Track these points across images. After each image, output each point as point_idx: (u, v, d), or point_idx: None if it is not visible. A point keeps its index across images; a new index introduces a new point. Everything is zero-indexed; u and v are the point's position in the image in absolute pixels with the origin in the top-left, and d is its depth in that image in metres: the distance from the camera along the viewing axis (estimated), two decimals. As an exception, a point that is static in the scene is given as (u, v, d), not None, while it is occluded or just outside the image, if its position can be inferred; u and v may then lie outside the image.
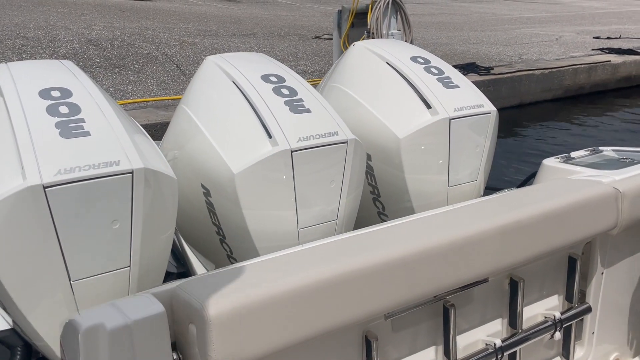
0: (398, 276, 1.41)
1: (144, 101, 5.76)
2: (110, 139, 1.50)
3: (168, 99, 5.79)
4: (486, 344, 1.70)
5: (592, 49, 10.32)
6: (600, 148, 2.36)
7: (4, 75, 1.67)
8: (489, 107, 2.14)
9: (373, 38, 6.25)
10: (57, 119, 1.51)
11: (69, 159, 1.42)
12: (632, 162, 2.12)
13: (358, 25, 6.68)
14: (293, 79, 1.98)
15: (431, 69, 2.20)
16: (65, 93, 1.61)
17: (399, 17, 6.64)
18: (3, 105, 1.54)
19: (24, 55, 6.87)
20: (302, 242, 1.73)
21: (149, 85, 6.36)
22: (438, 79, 2.15)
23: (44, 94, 1.59)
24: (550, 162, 2.19)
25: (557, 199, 1.75)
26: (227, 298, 1.20)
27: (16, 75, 1.67)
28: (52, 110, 1.54)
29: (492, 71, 7.91)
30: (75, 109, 1.56)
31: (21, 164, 1.39)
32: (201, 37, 9.11)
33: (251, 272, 1.32)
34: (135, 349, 1.17)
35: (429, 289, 1.48)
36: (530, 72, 8.14)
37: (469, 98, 2.12)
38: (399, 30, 6.61)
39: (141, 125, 2.41)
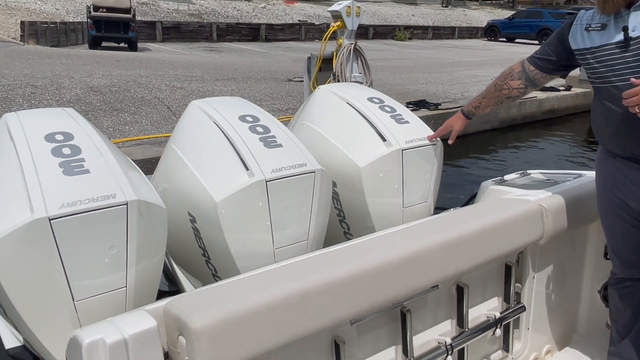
0: (361, 287, 1.40)
1: (139, 139, 5.71)
2: (107, 175, 1.49)
3: (161, 137, 5.74)
4: (438, 343, 1.70)
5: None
6: (529, 171, 2.40)
7: (14, 122, 1.65)
8: (435, 139, 2.19)
9: (338, 80, 6.30)
10: (60, 159, 1.50)
11: (71, 193, 1.41)
12: (555, 183, 2.16)
13: (325, 69, 6.73)
14: (266, 118, 1.99)
15: (385, 108, 2.23)
16: (68, 136, 1.60)
17: (359, 62, 6.72)
18: (13, 149, 1.53)
19: (33, 102, 6.77)
20: (277, 260, 1.72)
21: (144, 125, 6.31)
22: (391, 116, 2.18)
23: (49, 137, 1.58)
24: (487, 184, 2.22)
25: (494, 215, 1.77)
26: (211, 312, 1.18)
27: (25, 122, 1.66)
28: (56, 152, 1.53)
29: (439, 107, 8.00)
30: (76, 150, 1.55)
31: (29, 199, 1.38)
32: (188, 81, 9.10)
33: (233, 289, 1.31)
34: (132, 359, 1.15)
35: (388, 297, 1.48)
36: (471, 107, 8.33)
37: (417, 132, 2.15)
38: (360, 73, 6.68)
39: (137, 160, 2.41)
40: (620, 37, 1.56)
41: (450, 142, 2.13)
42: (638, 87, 1.40)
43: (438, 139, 2.19)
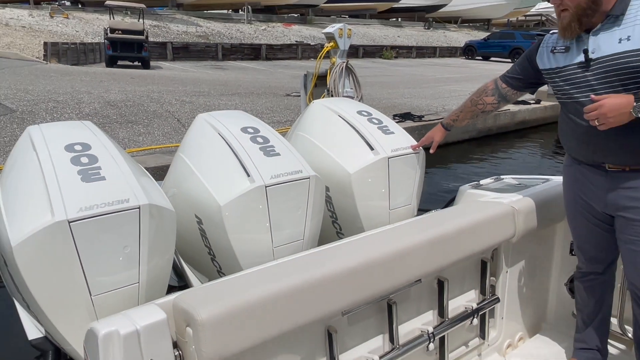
0: (352, 281, 1.40)
1: (152, 148, 5.69)
2: (121, 182, 1.48)
3: (171, 146, 5.72)
4: (421, 331, 1.70)
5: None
6: (502, 176, 2.40)
7: (37, 134, 1.65)
8: (418, 148, 2.19)
9: (331, 95, 6.30)
10: (79, 167, 1.50)
11: (88, 198, 1.41)
12: (525, 187, 2.16)
13: (320, 85, 6.74)
14: (266, 129, 1.99)
15: (373, 120, 2.23)
16: (86, 147, 1.60)
17: (351, 78, 6.73)
18: (36, 158, 1.53)
19: (55, 115, 6.74)
20: (276, 258, 1.71)
21: (156, 136, 6.29)
22: (378, 127, 2.18)
23: (69, 148, 1.58)
24: (465, 188, 2.23)
25: (471, 216, 1.77)
26: (216, 305, 1.18)
27: (46, 134, 1.65)
28: (75, 161, 1.52)
29: (423, 118, 7.98)
30: (93, 159, 1.55)
31: (50, 203, 1.38)
32: (196, 96, 9.09)
33: (236, 284, 1.31)
34: (143, 349, 1.14)
35: (376, 290, 1.48)
36: (451, 119, 8.35)
37: (402, 141, 2.16)
38: (351, 89, 6.68)
39: (150, 167, 2.40)
40: (581, 58, 1.57)
41: (431, 151, 2.14)
42: (597, 102, 1.41)
43: (421, 148, 2.19)
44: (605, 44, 1.50)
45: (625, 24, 1.48)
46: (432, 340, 1.68)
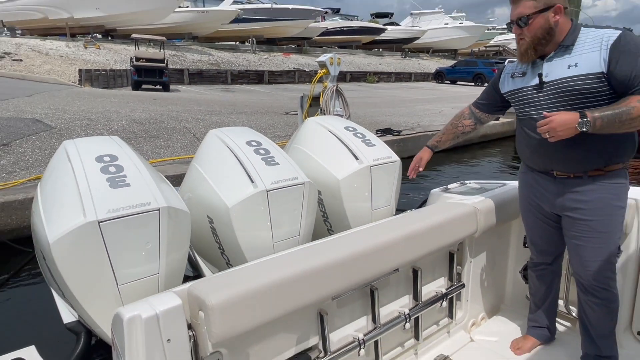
0: (340, 271, 1.40)
1: (171, 159, 5.66)
2: (143, 188, 1.48)
3: (188, 157, 5.69)
4: (399, 313, 1.70)
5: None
6: (466, 181, 2.40)
7: (72, 147, 1.64)
8: (396, 158, 2.19)
9: (324, 114, 6.33)
10: (107, 176, 1.49)
11: (115, 202, 1.41)
12: (486, 190, 2.17)
13: (314, 105, 6.76)
14: (267, 142, 1.99)
15: (358, 134, 2.24)
16: (113, 158, 1.59)
17: (340, 99, 6.76)
18: (70, 168, 1.52)
19: (88, 131, 6.70)
20: (276, 251, 1.71)
21: (175, 149, 6.25)
22: (362, 141, 2.19)
23: (99, 159, 1.57)
24: (435, 192, 2.23)
25: (440, 215, 1.78)
26: (224, 292, 1.18)
27: (79, 147, 1.64)
28: (104, 170, 1.52)
29: (401, 133, 7.98)
30: (120, 168, 1.54)
31: (82, 206, 1.37)
32: (209, 115, 9.06)
33: (241, 274, 1.30)
34: (162, 331, 1.13)
35: (360, 278, 1.48)
36: (425, 133, 8.29)
37: (382, 152, 2.16)
38: (341, 108, 6.71)
39: (169, 175, 2.39)
40: (536, 81, 1.57)
41: (421, 169, 2.02)
42: (548, 118, 1.42)
43: (398, 158, 2.19)
44: (556, 69, 1.52)
45: (574, 53, 1.49)
46: (408, 320, 1.68)
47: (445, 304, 1.89)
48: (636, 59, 1.37)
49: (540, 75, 1.56)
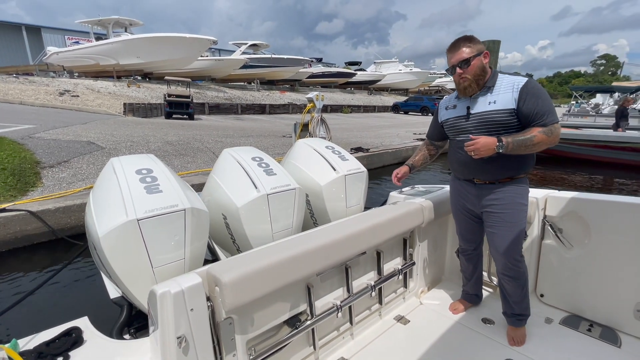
0: (323, 254, 1.40)
1: (196, 172, 5.58)
2: (173, 193, 1.46)
3: (208, 170, 5.62)
4: (367, 284, 1.69)
5: (414, 139, 10.74)
6: (416, 186, 2.42)
7: (117, 163, 1.61)
8: (363, 169, 2.20)
9: (312, 137, 6.36)
10: (144, 184, 1.47)
11: (151, 204, 1.38)
12: (429, 192, 2.19)
13: (304, 130, 6.79)
14: (267, 158, 1.99)
15: (335, 152, 2.25)
16: (149, 171, 1.57)
17: (324, 126, 6.81)
18: (116, 179, 1.49)
19: (131, 150, 6.55)
20: (274, 240, 1.70)
21: (199, 163, 6.17)
22: (339, 157, 2.20)
23: (138, 172, 1.55)
24: (393, 194, 2.24)
25: (396, 211, 1.79)
26: (235, 272, 1.16)
27: (123, 163, 1.62)
28: (142, 180, 1.49)
29: (369, 150, 8.08)
30: (154, 178, 1.52)
31: (125, 208, 1.35)
32: (225, 137, 8.97)
33: (248, 258, 1.29)
34: (187, 302, 1.12)
35: (338, 259, 1.47)
36: (387, 150, 8.38)
37: (353, 165, 2.17)
38: (324, 133, 6.76)
39: (194, 184, 2.34)
40: (464, 112, 1.58)
41: (399, 183, 1.89)
42: (474, 141, 1.45)
43: (365, 169, 2.19)
44: (480, 104, 1.53)
45: (494, 93, 1.51)
46: (373, 290, 1.68)
47: (401, 277, 1.90)
48: (537, 100, 1.41)
49: (468, 108, 1.57)
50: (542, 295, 1.96)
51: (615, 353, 1.56)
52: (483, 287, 2.06)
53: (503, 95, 1.48)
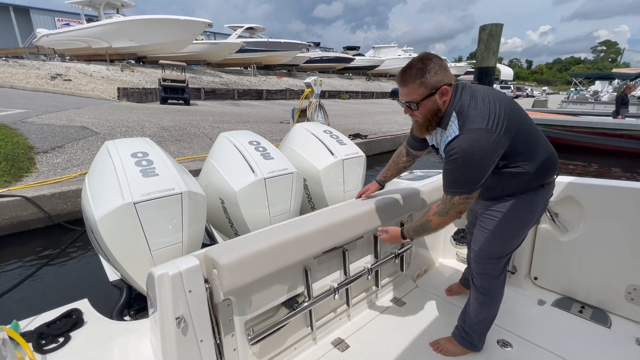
0: (320, 237, 1.40)
1: (193, 158, 5.55)
2: (169, 177, 1.45)
3: (205, 156, 5.59)
4: (364, 267, 1.70)
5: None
6: (414, 171, 2.41)
7: (112, 146, 1.59)
8: (361, 153, 2.19)
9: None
10: (140, 168, 1.45)
11: (147, 187, 1.37)
12: (427, 177, 2.19)
13: (302, 116, 6.73)
14: (264, 142, 1.97)
15: (333, 136, 2.23)
16: (145, 154, 1.55)
17: (322, 111, 6.74)
18: (111, 162, 1.47)
19: (126, 135, 6.46)
20: (272, 223, 1.71)
21: (196, 149, 6.11)
22: (336, 141, 2.18)
23: (133, 155, 1.53)
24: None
25: (395, 195, 1.78)
26: (232, 254, 1.17)
27: (118, 146, 1.60)
28: (137, 163, 1.48)
29: (367, 137, 8.04)
30: (150, 162, 1.50)
31: (121, 191, 1.33)
32: (221, 123, 8.87)
33: (245, 241, 1.29)
34: (185, 284, 1.12)
35: (335, 242, 1.48)
36: (385, 137, 8.32)
37: (351, 149, 2.16)
38: (322, 119, 6.70)
39: (191, 169, 2.34)
40: (431, 142, 1.42)
41: (364, 196, 1.77)
42: (382, 233, 1.47)
43: (363, 153, 2.17)
44: (439, 139, 1.32)
45: (443, 135, 1.27)
46: (370, 273, 1.69)
47: (397, 260, 1.90)
48: (446, 169, 1.20)
49: (434, 147, 1.40)
50: (535, 278, 2.00)
51: (604, 333, 1.60)
52: None
53: (443, 144, 1.24)
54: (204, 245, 1.61)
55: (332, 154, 2.06)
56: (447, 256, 2.32)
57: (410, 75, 1.19)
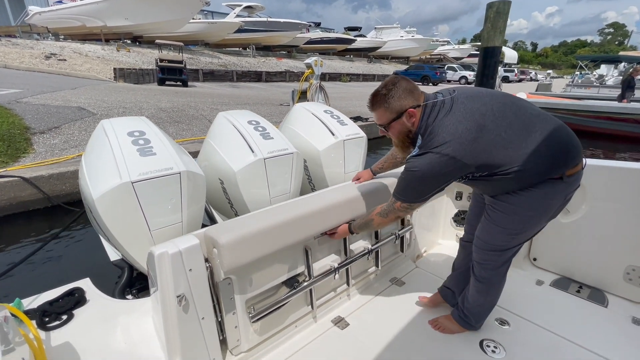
0: (320, 217, 1.40)
1: (192, 139, 5.50)
2: (167, 156, 1.43)
3: (204, 138, 5.55)
4: (364, 248, 1.70)
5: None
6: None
7: (108, 125, 1.56)
8: (362, 134, 2.17)
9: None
10: (137, 147, 1.43)
11: (145, 167, 1.35)
12: None
13: (302, 98, 6.64)
14: (264, 121, 1.94)
15: (334, 116, 2.20)
16: (142, 133, 1.52)
17: (322, 93, 6.65)
18: (108, 141, 1.45)
19: (123, 116, 6.42)
20: (272, 204, 1.70)
21: (194, 131, 6.06)
22: (337, 121, 2.16)
23: (130, 134, 1.50)
24: None
25: (395, 176, 1.74)
26: (231, 234, 1.16)
27: (114, 124, 1.57)
28: (134, 142, 1.45)
29: (368, 120, 7.98)
30: (147, 141, 1.48)
31: (118, 170, 1.32)
32: (220, 105, 8.76)
33: (245, 221, 1.28)
34: (185, 263, 1.12)
35: (335, 222, 1.48)
36: (384, 120, 8.31)
37: (352, 130, 2.14)
38: (323, 101, 6.62)
39: (190, 151, 2.32)
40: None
41: (355, 182, 1.76)
42: (334, 231, 1.49)
43: (364, 133, 2.16)
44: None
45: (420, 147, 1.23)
46: (370, 253, 1.69)
47: (397, 241, 1.91)
48: (400, 176, 1.24)
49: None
50: (535, 259, 2.01)
51: (601, 312, 1.62)
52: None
53: None
54: (204, 226, 1.62)
55: (333, 135, 2.04)
56: (447, 237, 2.33)
57: (376, 101, 1.26)
